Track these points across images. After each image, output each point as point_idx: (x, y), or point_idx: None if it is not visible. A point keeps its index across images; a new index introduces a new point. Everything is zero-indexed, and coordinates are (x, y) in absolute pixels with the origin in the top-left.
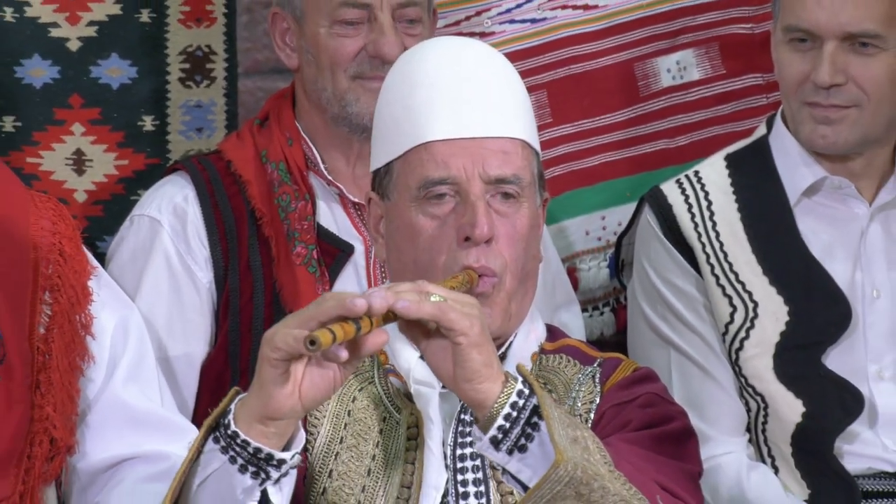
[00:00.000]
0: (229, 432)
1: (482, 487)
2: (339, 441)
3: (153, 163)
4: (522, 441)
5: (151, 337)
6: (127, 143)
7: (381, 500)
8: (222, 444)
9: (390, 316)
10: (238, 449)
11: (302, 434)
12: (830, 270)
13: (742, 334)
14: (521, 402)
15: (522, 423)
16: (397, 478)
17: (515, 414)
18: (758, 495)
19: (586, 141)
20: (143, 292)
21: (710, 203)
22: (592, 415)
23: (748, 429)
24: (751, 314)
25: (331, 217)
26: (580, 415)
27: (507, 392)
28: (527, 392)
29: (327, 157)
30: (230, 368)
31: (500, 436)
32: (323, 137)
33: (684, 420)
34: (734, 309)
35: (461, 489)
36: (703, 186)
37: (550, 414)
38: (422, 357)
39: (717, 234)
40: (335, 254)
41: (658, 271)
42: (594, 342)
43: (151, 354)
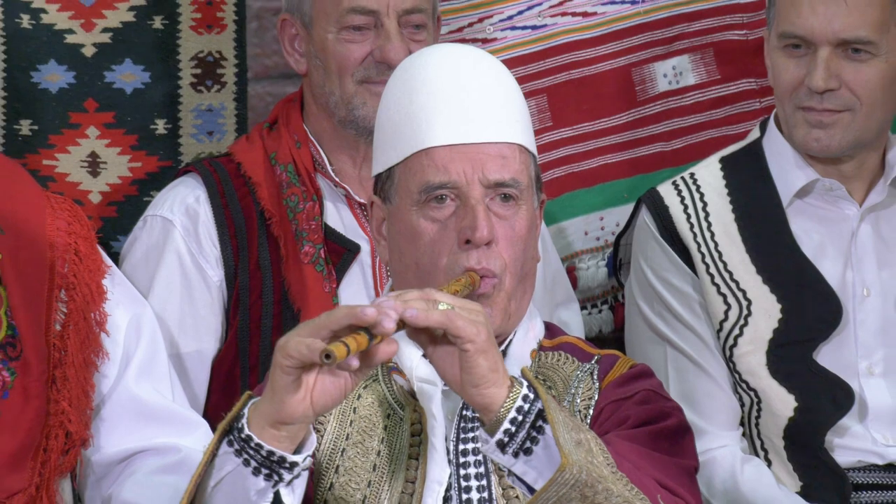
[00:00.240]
0: (243, 436)
1: (484, 481)
2: (345, 438)
3: (165, 165)
4: (528, 444)
5: (164, 333)
6: (140, 146)
7: (387, 495)
8: (236, 448)
9: (399, 324)
10: (251, 452)
11: (313, 437)
12: (822, 270)
13: (736, 331)
14: (527, 407)
15: (528, 427)
16: (402, 473)
17: (521, 418)
18: (751, 488)
19: (585, 144)
20: (156, 290)
21: (706, 204)
22: (591, 411)
23: (742, 423)
24: (744, 312)
25: (337, 217)
26: (579, 411)
27: (513, 396)
28: (532, 396)
29: (334, 160)
30: (240, 364)
31: (507, 439)
32: (330, 140)
33: (680, 416)
34: (728, 307)
35: (463, 483)
36: (699, 188)
37: (555, 418)
38: (424, 356)
39: (712, 235)
40: (342, 253)
41: (655, 270)
42: (593, 339)
43: (163, 351)
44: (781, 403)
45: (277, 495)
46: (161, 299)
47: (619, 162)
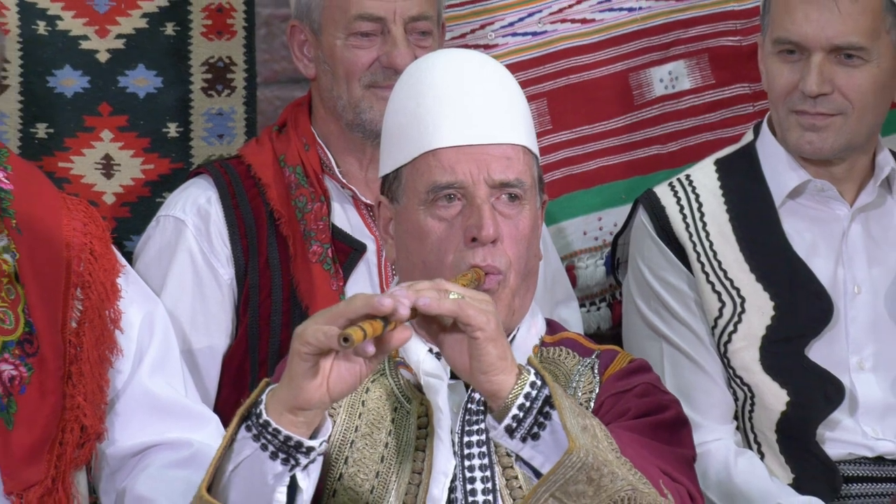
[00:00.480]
0: (261, 421)
1: (488, 472)
2: (354, 430)
3: (177, 167)
4: (535, 429)
5: (176, 330)
6: (153, 149)
7: (394, 486)
8: (254, 433)
9: (412, 312)
10: (269, 437)
11: (328, 423)
12: (813, 268)
13: (730, 328)
14: (534, 393)
15: (535, 413)
16: (409, 464)
17: (529, 404)
18: (744, 480)
19: (584, 146)
20: (169, 288)
21: (701, 205)
22: (592, 403)
23: (736, 417)
24: (738, 309)
25: (344, 218)
26: (581, 403)
27: (521, 383)
28: (539, 383)
29: (341, 162)
30: (250, 360)
31: (515, 424)
32: (338, 143)
33: (678, 408)
34: (723, 304)
35: (468, 474)
36: (694, 189)
37: (562, 404)
38: (431, 351)
39: (707, 234)
40: (349, 252)
41: (651, 269)
42: (591, 336)
43: (176, 347)
44: (774, 398)
45: (294, 479)
46: (173, 297)
47: (617, 164)
